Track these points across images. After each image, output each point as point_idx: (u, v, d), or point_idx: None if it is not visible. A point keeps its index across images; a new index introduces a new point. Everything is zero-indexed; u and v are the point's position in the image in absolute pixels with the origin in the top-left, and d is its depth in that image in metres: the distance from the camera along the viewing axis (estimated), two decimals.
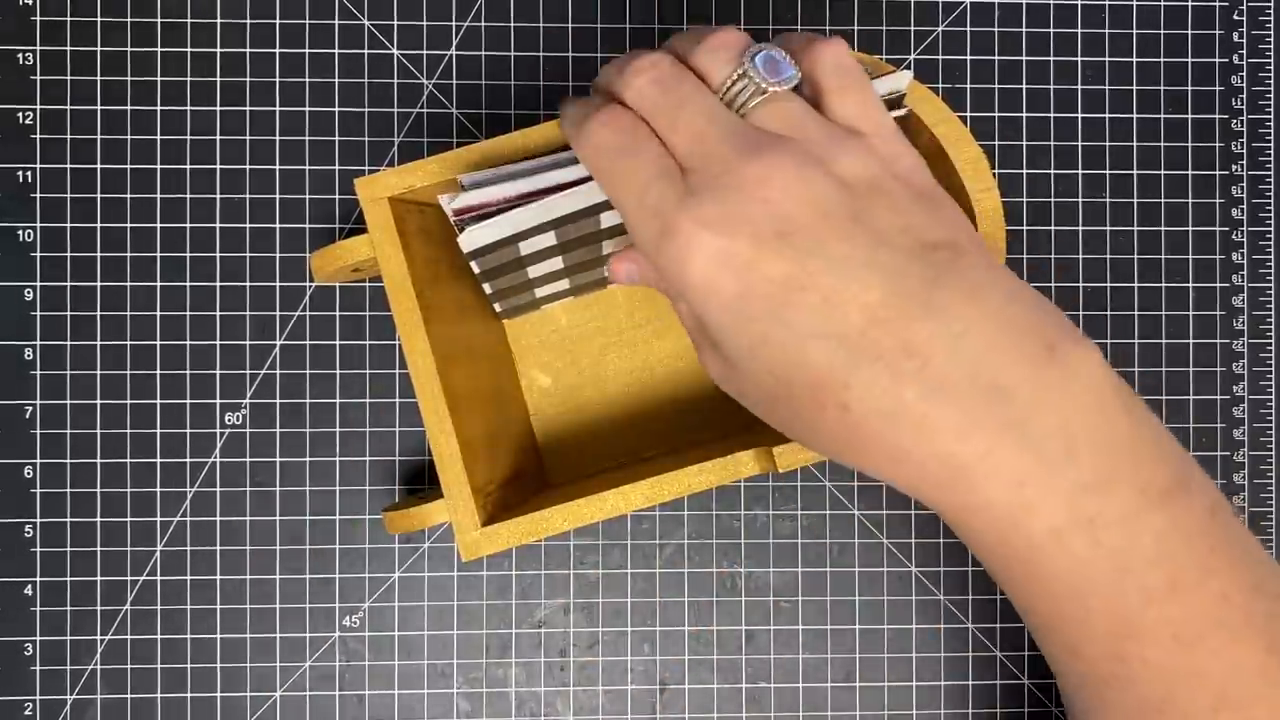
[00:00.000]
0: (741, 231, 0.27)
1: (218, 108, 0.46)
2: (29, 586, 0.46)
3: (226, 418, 0.46)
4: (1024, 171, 0.48)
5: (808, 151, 0.27)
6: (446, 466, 0.36)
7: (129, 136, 0.46)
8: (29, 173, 0.46)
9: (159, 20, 0.46)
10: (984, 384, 0.26)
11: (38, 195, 0.46)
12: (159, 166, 0.46)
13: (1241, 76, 0.48)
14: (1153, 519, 0.27)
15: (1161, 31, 0.48)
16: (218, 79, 0.46)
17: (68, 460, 0.46)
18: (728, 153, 0.27)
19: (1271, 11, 0.48)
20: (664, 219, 0.27)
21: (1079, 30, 0.48)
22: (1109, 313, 0.48)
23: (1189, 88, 0.48)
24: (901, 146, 0.29)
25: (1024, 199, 0.48)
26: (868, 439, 0.27)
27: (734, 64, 0.29)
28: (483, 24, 0.47)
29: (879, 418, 0.27)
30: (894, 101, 0.33)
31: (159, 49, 0.46)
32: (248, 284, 0.46)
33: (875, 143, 0.29)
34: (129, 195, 0.46)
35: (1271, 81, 0.48)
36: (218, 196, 0.46)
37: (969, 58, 0.48)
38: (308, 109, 0.46)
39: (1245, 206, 0.48)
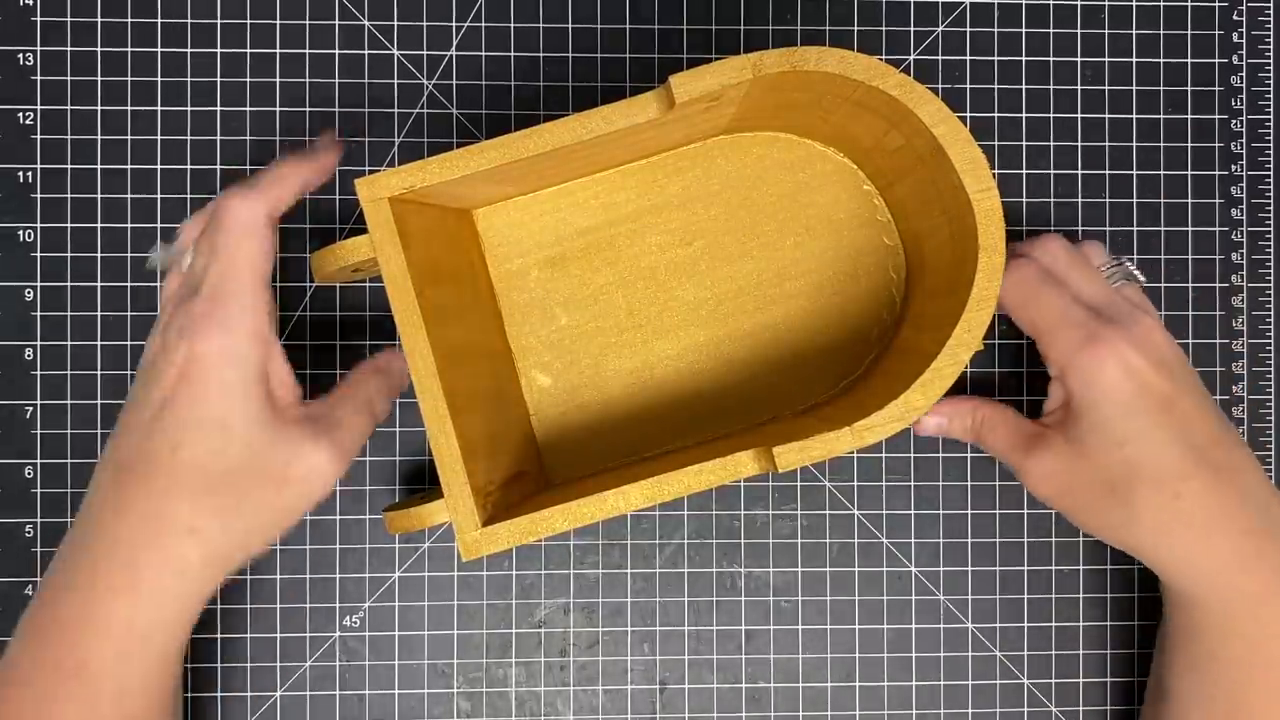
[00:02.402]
0: (1145, 354, 0.38)
1: (218, 108, 0.46)
2: (29, 586, 0.46)
3: None
4: (1024, 171, 0.48)
5: (1160, 322, 0.40)
6: (447, 466, 0.36)
7: (129, 136, 0.46)
8: (29, 173, 0.46)
9: (159, 20, 0.46)
10: (1264, 507, 0.39)
11: (38, 195, 0.46)
12: (159, 167, 0.46)
13: (1241, 77, 0.48)
14: None
15: (1161, 31, 0.48)
16: (218, 79, 0.46)
17: (68, 460, 0.46)
18: (1126, 306, 0.40)
19: (1271, 12, 0.48)
20: (1089, 330, 0.39)
21: (1079, 30, 0.48)
22: None
23: (1189, 88, 0.48)
24: None
25: (1024, 199, 0.48)
26: (1187, 524, 0.38)
27: (1107, 258, 0.42)
28: (483, 24, 0.47)
29: (1204, 511, 0.38)
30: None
31: (159, 49, 0.46)
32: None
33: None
34: (129, 195, 0.46)
35: (1271, 81, 0.48)
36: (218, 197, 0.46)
37: (969, 58, 0.48)
38: (308, 109, 0.46)
39: (1245, 206, 0.48)
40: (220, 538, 0.35)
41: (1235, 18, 0.48)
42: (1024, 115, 0.48)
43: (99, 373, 0.46)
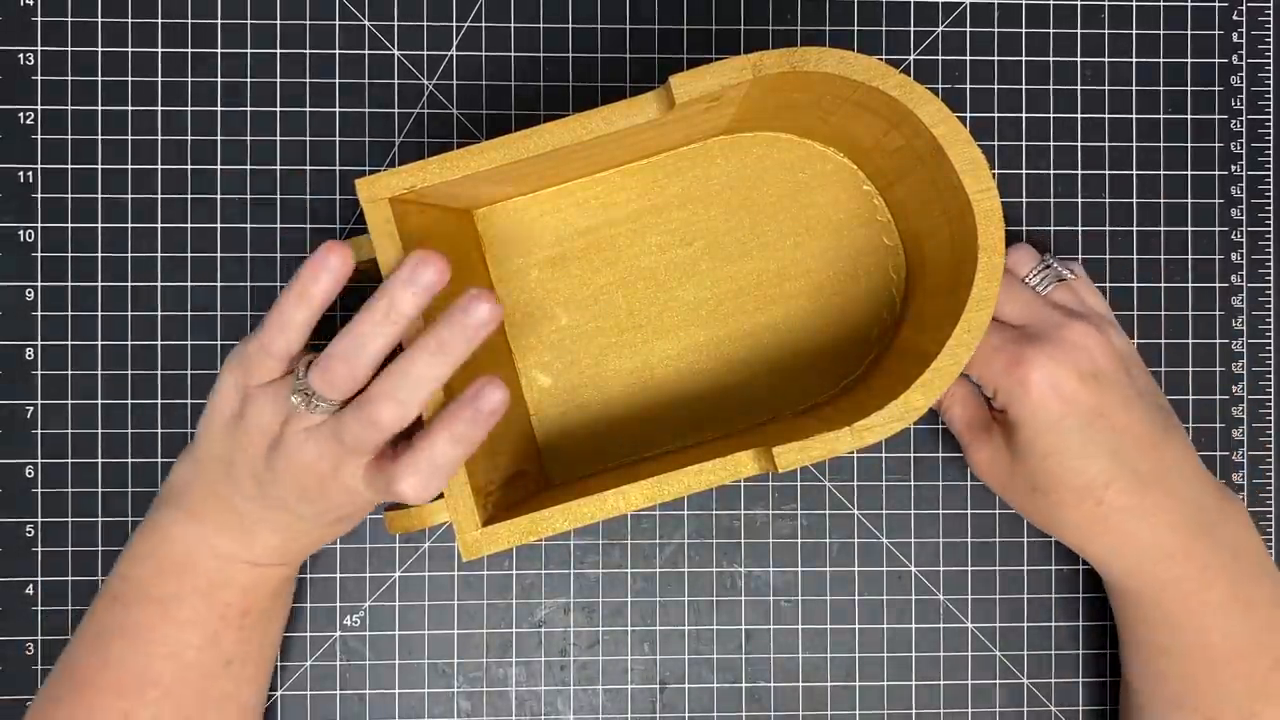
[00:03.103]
0: (1070, 368, 0.39)
1: (218, 108, 0.46)
2: (30, 586, 0.46)
3: None
4: (1024, 171, 0.48)
5: (1098, 324, 0.41)
6: (451, 490, 0.37)
7: (129, 136, 0.46)
8: (30, 173, 0.46)
9: (159, 20, 0.46)
10: (1192, 502, 0.41)
11: (38, 195, 0.46)
12: (159, 166, 0.46)
13: (1241, 77, 0.48)
14: None
15: (1161, 31, 0.48)
16: (218, 79, 0.46)
17: (69, 460, 0.46)
18: (1054, 316, 0.41)
19: (1271, 12, 0.48)
20: (1011, 354, 0.40)
21: (1079, 30, 0.48)
22: None
23: (1189, 88, 0.48)
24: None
25: (1024, 199, 0.48)
26: (1107, 528, 0.41)
27: (1035, 260, 0.43)
28: (483, 24, 0.47)
29: (1122, 513, 0.40)
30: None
31: (159, 49, 0.46)
32: (248, 284, 0.46)
33: (1114, 325, 0.43)
34: (129, 195, 0.46)
35: (1271, 81, 0.48)
36: (218, 197, 0.46)
37: (969, 58, 0.48)
38: (308, 109, 0.46)
39: (1244, 206, 0.48)
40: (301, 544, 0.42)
41: (1235, 18, 0.48)
42: (1024, 115, 0.48)
43: (99, 373, 0.46)
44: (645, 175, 0.45)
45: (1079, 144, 0.48)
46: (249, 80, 0.46)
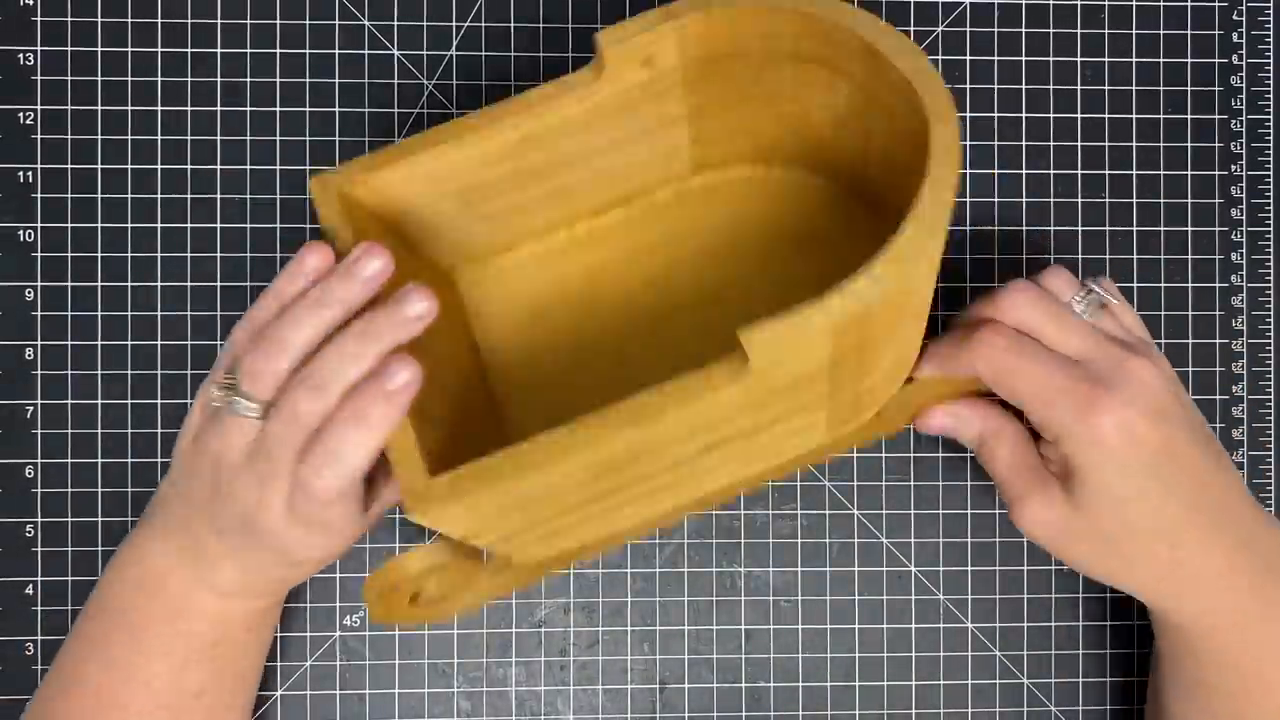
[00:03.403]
0: (1141, 409, 0.37)
1: (218, 108, 0.46)
2: (30, 586, 0.46)
3: None
4: (1024, 171, 0.48)
5: (1151, 356, 0.39)
6: (394, 442, 0.34)
7: (129, 136, 0.46)
8: (29, 173, 0.46)
9: (159, 20, 0.46)
10: (1252, 534, 0.39)
11: (38, 195, 0.46)
12: (159, 166, 0.46)
13: (1241, 76, 0.48)
14: None
15: (1161, 31, 0.48)
16: (218, 79, 0.46)
17: (69, 460, 0.46)
18: (1114, 353, 0.38)
19: (1271, 11, 0.48)
20: (1082, 397, 0.37)
21: (1079, 30, 0.48)
22: None
23: (1189, 88, 0.48)
24: None
25: (1024, 199, 0.48)
26: (1184, 573, 0.39)
27: (1075, 286, 0.40)
28: (483, 24, 0.47)
29: (1195, 554, 0.38)
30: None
31: (159, 49, 0.46)
32: (248, 284, 0.46)
33: (1155, 348, 0.41)
34: (129, 195, 0.46)
35: (1271, 81, 0.48)
36: (218, 197, 0.46)
37: (969, 58, 0.48)
38: (308, 109, 0.46)
39: (1245, 206, 0.48)
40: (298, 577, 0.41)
41: (1235, 18, 0.48)
42: (1024, 115, 0.48)
43: (99, 373, 0.46)
44: (622, 226, 0.44)
45: (1079, 144, 0.48)
46: (249, 80, 0.46)
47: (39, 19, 0.46)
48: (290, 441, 0.33)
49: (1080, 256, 0.48)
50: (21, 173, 0.46)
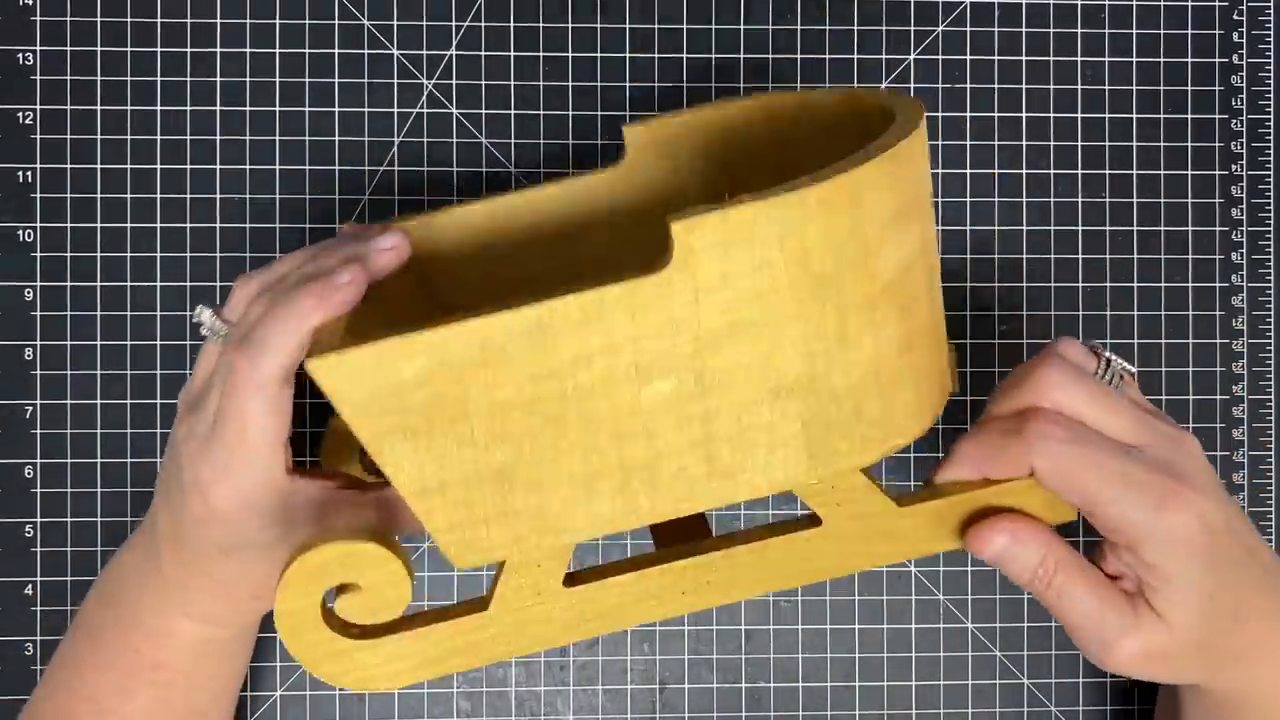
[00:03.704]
0: (1209, 493, 0.33)
1: (218, 108, 0.46)
2: (29, 586, 0.46)
3: None
4: (1024, 171, 0.48)
5: (1179, 427, 0.35)
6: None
7: (129, 136, 0.46)
8: (29, 173, 0.46)
9: (159, 20, 0.46)
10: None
11: (38, 195, 0.46)
12: (159, 166, 0.46)
13: (1241, 76, 0.48)
14: None
15: (1161, 31, 0.48)
16: (218, 79, 0.46)
17: (68, 460, 0.46)
18: (1168, 429, 0.34)
19: (1271, 11, 0.48)
20: (1158, 492, 0.32)
21: (1079, 30, 0.48)
22: (1109, 313, 0.48)
23: (1189, 88, 0.48)
24: None
25: (1024, 199, 0.48)
26: (1259, 650, 0.35)
27: (1094, 358, 0.35)
28: (483, 24, 0.47)
29: (1263, 631, 0.35)
30: None
31: (159, 49, 0.46)
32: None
33: None
34: (129, 195, 0.46)
35: (1271, 81, 0.48)
36: (218, 197, 0.46)
37: (969, 58, 0.48)
38: (308, 109, 0.46)
39: (1245, 206, 0.48)
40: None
41: (1235, 17, 0.48)
42: (1024, 115, 0.48)
43: (99, 373, 0.46)
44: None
45: (1079, 144, 0.48)
46: (248, 80, 0.46)
47: (38, 19, 0.46)
48: (246, 362, 0.33)
49: (1081, 256, 0.48)
50: (21, 172, 0.46)
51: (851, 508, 0.34)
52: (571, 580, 0.34)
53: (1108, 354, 0.36)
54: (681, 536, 0.35)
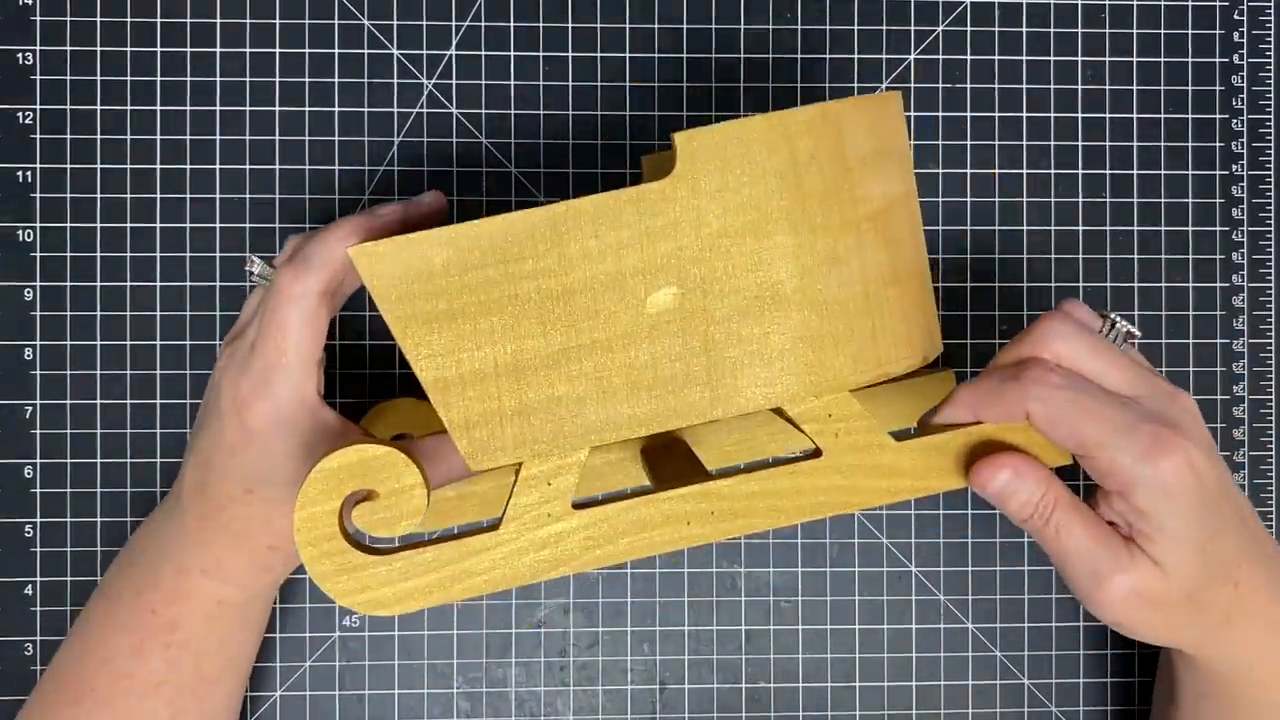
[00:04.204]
0: (1201, 444, 0.34)
1: (218, 108, 0.46)
2: (29, 586, 0.46)
3: None
4: (1024, 171, 0.48)
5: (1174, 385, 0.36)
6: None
7: (129, 136, 0.46)
8: (29, 173, 0.46)
9: (159, 20, 0.46)
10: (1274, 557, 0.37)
11: (38, 195, 0.46)
12: (159, 166, 0.46)
13: (1241, 76, 0.48)
14: None
15: (1161, 31, 0.48)
16: (218, 79, 0.46)
17: (68, 460, 0.46)
18: (1162, 386, 0.35)
19: (1271, 11, 0.48)
20: (1150, 438, 0.33)
21: (1079, 30, 0.48)
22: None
23: (1189, 88, 0.48)
24: None
25: (1024, 199, 0.48)
26: (1244, 612, 0.36)
27: (1098, 319, 0.37)
28: (483, 24, 0.47)
29: (1252, 591, 0.36)
30: None
31: (159, 49, 0.46)
32: (248, 284, 0.46)
33: None
34: (129, 195, 0.46)
35: (1271, 81, 0.48)
36: (217, 196, 0.46)
37: (969, 58, 0.48)
38: (308, 109, 0.46)
39: (1245, 206, 0.48)
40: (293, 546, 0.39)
41: (1236, 17, 0.48)
42: (1024, 115, 0.48)
43: (99, 373, 0.46)
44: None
45: (1079, 144, 0.48)
46: (248, 80, 0.46)
47: (38, 18, 0.46)
48: (289, 277, 0.37)
49: (1081, 256, 0.48)
50: (20, 172, 0.46)
51: (849, 438, 0.35)
52: (580, 508, 0.35)
53: (1114, 315, 0.37)
54: (681, 482, 0.36)
